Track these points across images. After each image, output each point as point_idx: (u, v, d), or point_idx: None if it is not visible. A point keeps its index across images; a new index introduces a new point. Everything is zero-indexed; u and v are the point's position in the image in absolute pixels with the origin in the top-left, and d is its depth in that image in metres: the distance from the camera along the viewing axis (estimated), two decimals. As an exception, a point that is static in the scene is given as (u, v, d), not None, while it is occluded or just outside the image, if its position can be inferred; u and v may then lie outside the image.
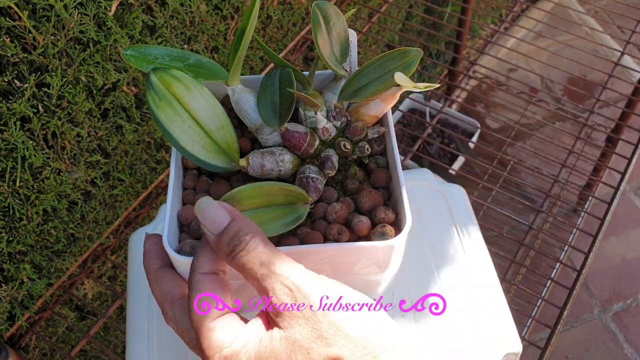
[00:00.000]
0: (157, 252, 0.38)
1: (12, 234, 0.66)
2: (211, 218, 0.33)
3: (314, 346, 0.30)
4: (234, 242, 0.32)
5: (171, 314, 0.36)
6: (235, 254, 0.32)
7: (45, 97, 0.63)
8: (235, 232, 0.32)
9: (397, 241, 0.36)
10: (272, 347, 0.31)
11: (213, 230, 0.33)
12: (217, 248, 0.33)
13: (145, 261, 0.38)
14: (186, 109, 0.39)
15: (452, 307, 0.54)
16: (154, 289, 0.37)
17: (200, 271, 0.33)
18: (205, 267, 0.33)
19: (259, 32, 0.92)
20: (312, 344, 0.30)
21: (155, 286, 0.37)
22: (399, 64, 0.41)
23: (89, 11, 0.62)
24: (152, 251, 0.38)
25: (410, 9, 1.33)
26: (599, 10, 1.92)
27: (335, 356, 0.30)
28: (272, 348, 0.31)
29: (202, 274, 0.33)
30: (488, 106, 1.75)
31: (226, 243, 0.32)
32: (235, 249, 0.32)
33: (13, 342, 0.72)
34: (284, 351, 0.31)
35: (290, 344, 0.30)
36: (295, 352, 0.30)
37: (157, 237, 0.39)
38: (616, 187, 0.80)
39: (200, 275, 0.33)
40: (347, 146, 0.41)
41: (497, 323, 0.54)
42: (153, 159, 0.84)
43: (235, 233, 0.32)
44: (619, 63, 0.95)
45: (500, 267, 0.65)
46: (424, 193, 0.62)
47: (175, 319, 0.36)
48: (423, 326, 0.54)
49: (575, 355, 1.36)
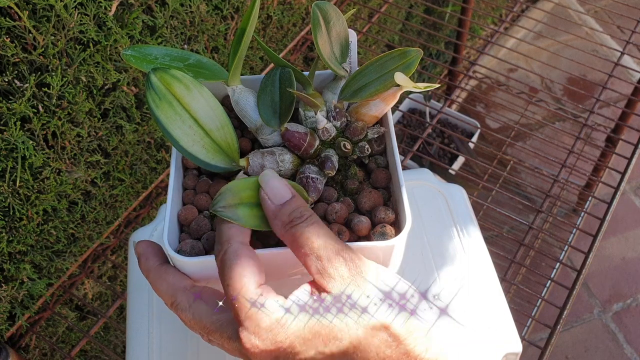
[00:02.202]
0: (153, 252, 0.38)
1: (13, 233, 0.66)
2: (275, 189, 0.35)
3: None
4: (295, 214, 0.34)
5: (185, 303, 0.36)
6: (294, 224, 0.34)
7: (45, 97, 0.63)
8: (298, 206, 0.35)
9: (397, 241, 0.36)
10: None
11: (275, 200, 0.35)
12: (276, 216, 0.35)
13: (142, 262, 0.38)
14: (186, 109, 0.39)
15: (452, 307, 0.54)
16: (159, 283, 0.37)
17: (235, 241, 0.34)
18: (238, 239, 0.34)
19: (259, 32, 0.92)
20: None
21: (160, 281, 0.37)
22: (399, 64, 0.41)
23: (89, 11, 0.62)
24: (147, 252, 0.38)
25: (410, 9, 1.33)
26: (599, 10, 1.92)
27: (384, 322, 0.32)
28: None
29: (236, 243, 0.34)
30: (488, 106, 1.75)
31: (287, 213, 0.34)
32: (295, 220, 0.34)
33: (13, 342, 0.72)
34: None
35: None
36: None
37: (149, 241, 0.39)
38: (616, 187, 0.80)
39: (235, 245, 0.34)
40: (347, 146, 0.41)
41: (497, 323, 0.54)
42: (153, 159, 0.84)
43: (298, 206, 0.35)
44: (619, 63, 0.95)
45: (500, 267, 0.65)
46: (424, 193, 0.62)
47: (191, 307, 0.36)
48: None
49: (575, 355, 1.36)
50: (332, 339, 0.32)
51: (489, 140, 1.63)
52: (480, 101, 1.78)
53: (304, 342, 0.32)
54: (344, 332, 0.32)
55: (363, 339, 0.32)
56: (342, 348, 0.32)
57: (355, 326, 0.32)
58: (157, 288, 0.37)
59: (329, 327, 0.32)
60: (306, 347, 0.32)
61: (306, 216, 0.34)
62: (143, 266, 0.38)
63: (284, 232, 0.34)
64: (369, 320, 0.32)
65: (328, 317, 0.32)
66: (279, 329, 0.32)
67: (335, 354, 0.32)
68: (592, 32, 1.83)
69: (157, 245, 0.39)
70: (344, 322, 0.32)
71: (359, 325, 0.32)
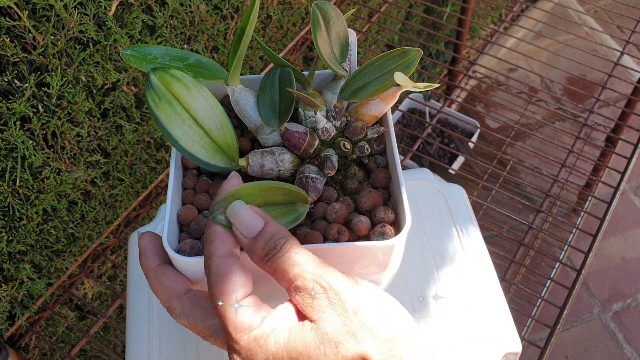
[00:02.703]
0: (154, 250, 0.38)
1: (12, 233, 0.66)
2: (245, 222, 0.34)
3: (343, 341, 0.31)
4: (269, 245, 0.33)
5: (179, 310, 0.36)
6: (270, 257, 0.33)
7: (45, 97, 0.63)
8: (271, 236, 0.33)
9: (397, 241, 0.36)
10: (303, 336, 0.32)
11: (247, 234, 0.34)
12: (251, 251, 0.34)
13: (143, 260, 0.38)
14: (186, 109, 0.39)
15: (452, 307, 0.54)
16: (156, 287, 0.37)
17: (219, 254, 0.33)
18: (222, 250, 0.34)
19: (259, 32, 0.92)
20: (341, 339, 0.31)
21: (157, 284, 0.37)
22: (399, 64, 0.41)
23: (89, 11, 0.62)
24: (148, 249, 0.38)
25: (410, 9, 1.33)
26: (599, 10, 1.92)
27: (363, 353, 0.31)
28: (302, 337, 0.32)
29: (220, 256, 0.33)
30: (488, 106, 1.75)
31: (261, 246, 0.33)
32: (270, 252, 0.33)
33: (13, 342, 0.72)
34: (313, 342, 0.31)
35: (320, 336, 0.31)
36: (324, 343, 0.31)
37: (152, 235, 0.39)
38: (616, 187, 0.80)
39: (219, 259, 0.33)
40: (347, 146, 0.41)
41: (497, 323, 0.54)
42: (153, 159, 0.84)
43: (271, 237, 0.33)
44: (619, 63, 0.95)
45: (500, 267, 0.65)
46: (424, 193, 0.62)
47: (185, 313, 0.36)
48: (423, 326, 0.54)
49: (575, 355, 1.36)
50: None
51: (489, 140, 1.63)
52: (480, 101, 1.78)
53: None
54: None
55: None
56: None
57: (333, 357, 0.31)
58: (155, 291, 0.37)
59: (307, 356, 0.31)
60: None
61: (281, 245, 0.33)
62: (143, 265, 0.38)
63: (263, 266, 0.33)
64: (348, 351, 0.31)
65: (308, 346, 0.31)
66: (257, 349, 0.32)
67: None
68: (592, 32, 1.83)
69: (159, 242, 0.38)
70: (322, 351, 0.31)
71: (338, 356, 0.31)
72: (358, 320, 0.32)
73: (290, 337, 0.32)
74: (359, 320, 0.32)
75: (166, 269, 0.37)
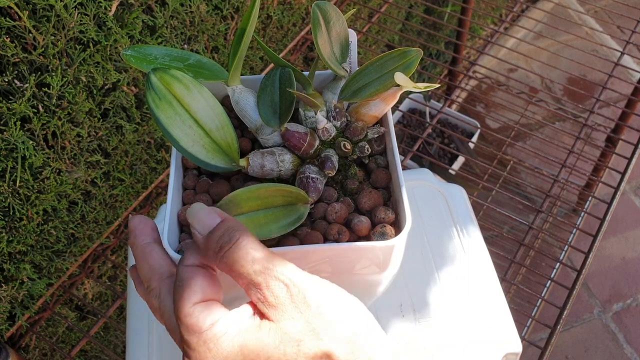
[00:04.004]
0: (144, 229, 0.37)
1: (12, 233, 0.66)
2: (200, 219, 0.33)
3: (305, 339, 0.30)
4: (223, 239, 0.32)
5: (157, 291, 0.35)
6: (224, 251, 0.31)
7: (45, 97, 0.63)
8: (225, 230, 0.32)
9: (397, 241, 0.36)
10: (260, 336, 0.30)
11: (202, 230, 0.33)
12: (206, 248, 0.32)
13: (132, 238, 0.37)
14: (186, 109, 0.39)
15: (452, 307, 0.54)
16: (142, 264, 0.36)
17: (185, 264, 0.33)
18: (190, 260, 0.33)
19: (259, 32, 0.92)
20: (303, 337, 0.30)
21: (142, 262, 0.36)
22: (399, 64, 0.41)
23: (89, 11, 0.62)
24: (138, 228, 0.37)
25: (410, 9, 1.33)
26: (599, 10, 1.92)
27: (326, 350, 0.30)
28: (259, 337, 0.30)
29: (186, 266, 0.33)
30: (488, 106, 1.75)
31: (215, 240, 0.32)
32: (224, 246, 0.31)
33: (13, 342, 0.72)
34: (272, 341, 0.30)
35: (280, 335, 0.30)
36: (284, 342, 0.30)
37: (143, 216, 0.38)
38: (616, 187, 0.80)
39: (184, 267, 0.33)
40: (347, 146, 0.41)
41: (497, 323, 0.54)
42: (153, 159, 0.84)
43: (225, 231, 0.32)
44: (619, 63, 0.95)
45: (500, 267, 0.65)
46: (424, 193, 0.62)
47: (159, 296, 0.35)
48: (423, 326, 0.54)
49: (575, 355, 1.36)
50: None
51: (489, 140, 1.63)
52: (480, 101, 1.78)
53: None
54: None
55: None
56: None
57: (293, 356, 0.30)
58: (139, 268, 0.36)
59: (265, 357, 0.30)
60: None
61: (236, 238, 0.31)
62: (131, 243, 0.37)
63: (218, 263, 0.32)
64: (309, 348, 0.30)
65: (266, 346, 0.30)
66: (206, 352, 0.30)
67: None
68: (592, 32, 1.83)
69: (150, 223, 0.37)
70: (282, 350, 0.30)
71: (299, 354, 0.30)
72: (320, 316, 0.30)
73: (246, 338, 0.30)
74: (321, 317, 0.30)
75: (154, 248, 0.36)
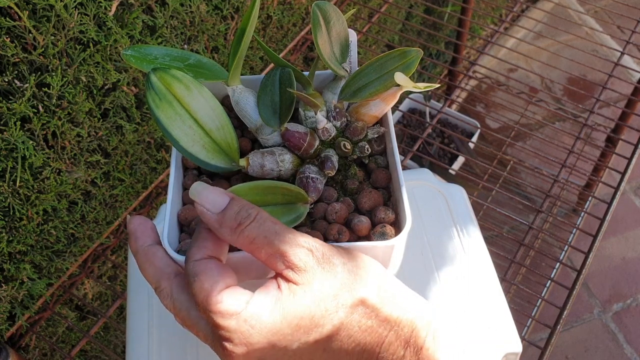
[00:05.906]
0: (144, 231, 0.37)
1: (12, 233, 0.66)
2: (209, 197, 0.33)
3: (339, 292, 0.32)
4: (242, 214, 0.32)
5: (168, 290, 0.35)
6: (244, 227, 0.32)
7: (45, 97, 0.63)
8: (241, 207, 0.32)
9: (397, 241, 0.36)
10: (297, 300, 0.31)
11: (214, 209, 0.32)
12: (220, 225, 0.32)
13: (132, 241, 0.37)
14: (186, 109, 0.39)
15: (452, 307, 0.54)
16: (146, 267, 0.36)
17: (195, 259, 0.33)
18: (199, 255, 0.33)
19: (259, 32, 0.92)
20: (337, 291, 0.32)
21: (147, 264, 0.36)
22: (399, 64, 0.41)
23: (89, 11, 0.62)
24: (138, 230, 0.37)
25: (410, 9, 1.33)
26: (599, 10, 1.92)
27: (360, 297, 0.32)
28: (296, 302, 0.31)
29: (195, 261, 0.33)
30: (488, 106, 1.75)
31: (232, 217, 0.32)
32: (243, 222, 0.32)
33: (13, 342, 0.72)
34: (311, 302, 0.31)
35: (317, 295, 0.32)
36: (323, 300, 0.32)
37: (142, 217, 0.38)
38: (616, 187, 0.80)
39: (195, 262, 0.32)
40: (347, 146, 0.41)
41: (497, 323, 0.54)
42: (153, 159, 0.84)
43: (242, 206, 0.32)
44: (619, 63, 0.95)
45: (500, 267, 0.65)
46: (424, 193, 0.62)
47: (172, 295, 0.34)
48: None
49: (575, 355, 1.36)
50: (313, 328, 0.31)
51: (489, 140, 1.63)
52: (480, 101, 1.78)
53: (284, 338, 0.31)
54: (325, 318, 0.32)
55: (344, 318, 0.32)
56: (325, 333, 0.32)
57: (334, 309, 0.32)
58: (144, 271, 0.36)
59: (308, 317, 0.31)
60: (288, 342, 0.31)
61: (254, 215, 0.32)
62: (132, 246, 0.37)
63: (235, 238, 0.32)
64: (346, 299, 0.32)
65: (307, 307, 0.31)
66: (250, 330, 0.31)
67: (319, 340, 0.32)
68: (592, 32, 1.83)
69: (150, 224, 0.37)
70: (322, 307, 0.31)
71: (338, 306, 0.32)
72: (347, 272, 0.33)
73: (284, 306, 0.31)
74: (347, 272, 0.33)
75: (157, 249, 0.36)
